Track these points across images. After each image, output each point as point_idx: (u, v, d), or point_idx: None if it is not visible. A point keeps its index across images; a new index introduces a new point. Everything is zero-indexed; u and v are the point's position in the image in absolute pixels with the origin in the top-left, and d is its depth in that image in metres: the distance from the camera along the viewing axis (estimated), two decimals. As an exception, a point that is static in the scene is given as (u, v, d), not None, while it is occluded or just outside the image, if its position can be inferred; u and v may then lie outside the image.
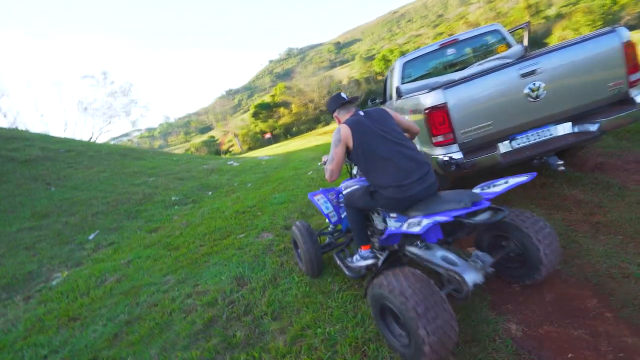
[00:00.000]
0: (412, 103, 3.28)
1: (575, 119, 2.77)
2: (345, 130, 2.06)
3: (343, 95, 2.33)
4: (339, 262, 2.53)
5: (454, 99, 2.70)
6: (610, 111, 2.69)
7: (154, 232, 5.05)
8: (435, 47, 4.21)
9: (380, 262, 2.19)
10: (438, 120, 2.78)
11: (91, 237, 4.98)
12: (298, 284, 2.72)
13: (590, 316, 1.79)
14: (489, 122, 2.74)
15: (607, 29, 2.64)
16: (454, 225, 1.83)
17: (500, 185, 1.88)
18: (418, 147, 3.35)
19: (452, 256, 1.88)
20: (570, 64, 2.61)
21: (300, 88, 43.39)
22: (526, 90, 2.64)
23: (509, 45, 4.10)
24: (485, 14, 37.14)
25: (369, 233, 2.39)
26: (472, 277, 1.72)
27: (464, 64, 4.30)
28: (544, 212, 2.84)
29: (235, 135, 48.46)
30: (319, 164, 2.87)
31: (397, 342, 1.73)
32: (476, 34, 4.17)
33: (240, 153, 41.94)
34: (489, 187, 1.93)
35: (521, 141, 2.86)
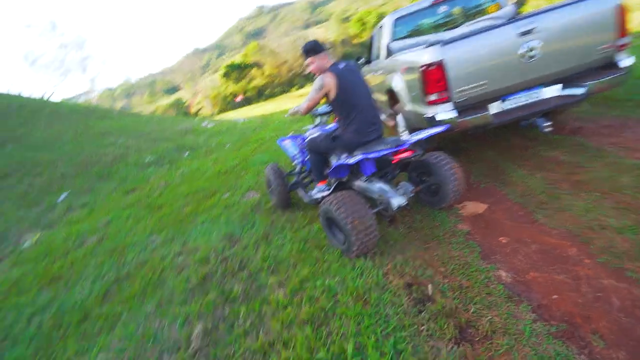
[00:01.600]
0: (406, 60, 3.19)
1: (564, 82, 2.83)
2: (331, 79, 2.30)
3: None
4: (302, 193, 3.10)
5: (451, 56, 2.64)
6: (597, 75, 2.76)
7: (130, 193, 4.79)
8: (427, 4, 4.06)
9: (330, 191, 2.76)
10: (435, 77, 2.73)
11: (61, 198, 4.64)
12: (291, 240, 2.72)
13: (571, 262, 1.93)
14: (484, 82, 2.73)
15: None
16: (385, 161, 2.58)
17: (423, 133, 2.44)
18: (409, 107, 3.32)
19: (385, 187, 2.45)
20: (565, 24, 2.60)
21: (273, 49, 41.17)
22: (522, 50, 2.63)
23: (499, 6, 4.02)
24: (465, -23, 36.34)
25: (327, 171, 2.88)
26: (396, 200, 2.33)
27: (454, 23, 4.20)
28: (527, 172, 2.97)
29: (206, 97, 45.93)
30: (286, 115, 2.99)
31: (337, 242, 2.38)
32: (470, -9, 4.04)
33: (212, 115, 40.12)
34: (415, 135, 2.49)
35: (511, 102, 2.90)
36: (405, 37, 4.18)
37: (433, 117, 2.85)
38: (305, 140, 3.27)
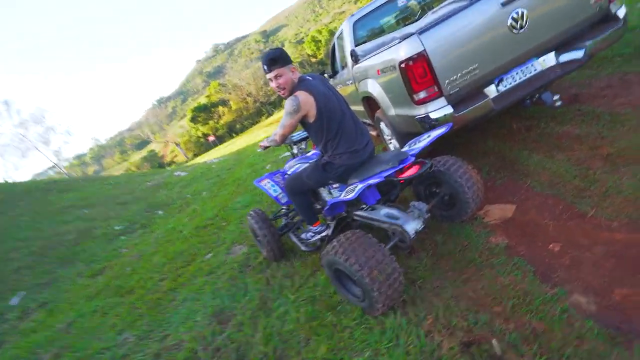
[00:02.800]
0: (379, 61, 2.78)
1: (558, 48, 2.48)
2: (307, 99, 1.79)
3: None
4: (295, 240, 2.57)
5: (432, 44, 2.25)
6: (594, 32, 2.42)
7: (98, 276, 4.09)
8: (384, 0, 3.73)
9: (331, 231, 2.30)
10: (418, 72, 2.32)
11: (14, 301, 3.88)
12: (296, 304, 2.16)
13: (661, 264, 1.47)
14: (474, 66, 2.33)
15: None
16: (388, 183, 2.07)
17: (424, 140, 2.01)
18: (393, 111, 2.90)
19: (394, 211, 2.00)
20: None
21: (235, 83, 41.24)
22: (510, 21, 2.26)
23: (459, -13, 3.74)
24: (401, -18, 37.86)
25: (318, 206, 2.46)
26: (412, 226, 1.86)
27: (416, 15, 3.88)
28: (544, 155, 2.56)
29: (177, 144, 45.17)
30: (258, 149, 2.44)
31: (354, 298, 1.86)
32: (424, -22, 3.75)
33: (187, 162, 39.24)
34: (415, 144, 2.06)
35: (507, 82, 2.51)
36: (368, 40, 3.81)
37: (427, 117, 2.41)
38: (285, 178, 2.77)
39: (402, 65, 2.33)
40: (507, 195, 2.39)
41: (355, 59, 3.46)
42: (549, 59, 2.49)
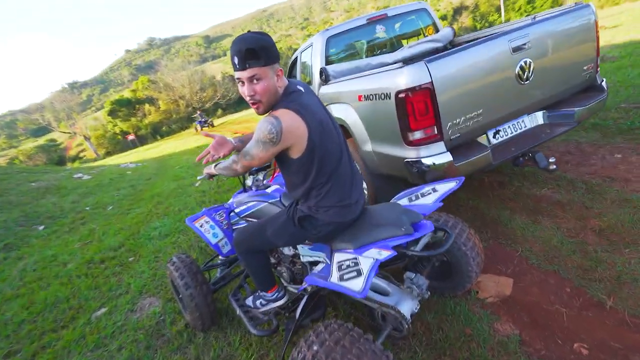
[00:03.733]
0: (364, 87, 2.29)
1: (548, 109, 2.33)
2: (294, 125, 1.14)
3: None
4: (238, 311, 1.79)
5: (440, 77, 1.85)
6: (581, 100, 2.34)
7: None
8: (362, 22, 3.36)
9: (297, 312, 1.54)
10: (418, 107, 1.89)
11: None
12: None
13: None
14: (479, 111, 2.01)
15: (579, 4, 2.23)
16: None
17: (430, 195, 1.55)
18: (369, 147, 2.42)
19: (382, 283, 1.53)
20: (555, 39, 2.11)
21: (168, 83, 37.58)
22: (517, 70, 2.01)
23: (436, 28, 3.59)
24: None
25: (272, 260, 1.87)
26: (409, 307, 1.40)
27: (392, 45, 3.59)
28: (527, 218, 2.33)
29: (87, 138, 38.73)
30: (197, 184, 1.65)
31: None
32: (405, 11, 3.51)
33: (96, 160, 33.71)
34: (417, 198, 1.58)
35: (500, 136, 2.26)
36: (338, 60, 3.36)
37: (419, 162, 1.97)
38: (231, 217, 2.04)
39: (401, 95, 1.88)
40: (497, 264, 2.03)
41: (325, 78, 2.96)
42: (537, 117, 2.34)
